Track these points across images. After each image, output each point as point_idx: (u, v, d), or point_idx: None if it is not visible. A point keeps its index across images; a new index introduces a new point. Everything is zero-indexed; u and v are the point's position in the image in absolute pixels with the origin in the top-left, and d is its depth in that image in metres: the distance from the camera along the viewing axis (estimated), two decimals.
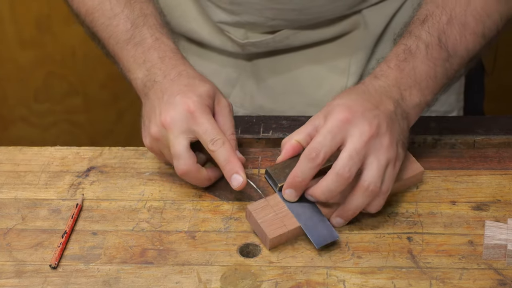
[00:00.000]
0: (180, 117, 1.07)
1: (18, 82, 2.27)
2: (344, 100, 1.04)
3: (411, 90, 1.07)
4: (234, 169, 1.06)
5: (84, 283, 1.00)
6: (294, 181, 1.02)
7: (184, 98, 1.07)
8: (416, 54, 1.08)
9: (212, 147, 1.06)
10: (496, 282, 0.97)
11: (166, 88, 1.10)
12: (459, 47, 1.10)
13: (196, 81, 1.11)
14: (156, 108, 1.09)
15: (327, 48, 1.33)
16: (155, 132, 1.09)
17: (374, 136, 1.01)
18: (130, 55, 1.15)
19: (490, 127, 1.19)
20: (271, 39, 1.31)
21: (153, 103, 1.10)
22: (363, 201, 1.01)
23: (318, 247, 1.00)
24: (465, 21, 1.10)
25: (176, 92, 1.08)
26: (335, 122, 1.01)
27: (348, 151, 1.00)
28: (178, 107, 1.07)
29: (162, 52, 1.14)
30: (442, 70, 1.09)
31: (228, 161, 1.06)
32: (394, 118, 1.04)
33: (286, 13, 1.27)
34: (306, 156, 1.01)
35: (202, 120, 1.07)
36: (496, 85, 1.98)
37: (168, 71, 1.12)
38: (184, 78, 1.11)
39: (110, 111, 2.32)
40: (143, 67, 1.14)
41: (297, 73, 1.35)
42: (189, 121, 1.07)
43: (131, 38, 1.16)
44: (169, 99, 1.08)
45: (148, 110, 1.11)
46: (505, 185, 1.10)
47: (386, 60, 1.09)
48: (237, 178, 1.05)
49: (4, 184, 1.15)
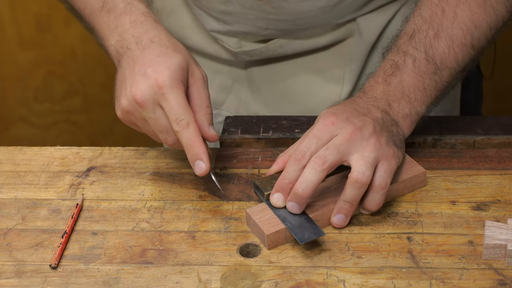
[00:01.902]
0: (149, 91, 1.03)
1: (18, 82, 2.27)
2: (330, 109, 1.08)
3: (399, 102, 1.09)
4: (198, 155, 1.04)
5: (84, 283, 1.00)
6: (281, 184, 1.03)
7: (154, 72, 1.04)
8: (403, 69, 1.10)
9: (176, 127, 1.03)
10: (496, 282, 0.97)
11: (137, 57, 1.07)
12: (447, 59, 1.11)
13: (169, 51, 1.07)
14: (128, 79, 1.06)
15: (321, 56, 1.33)
16: (126, 105, 1.06)
17: (358, 135, 1.03)
18: (103, 22, 1.13)
19: (490, 127, 1.19)
20: (264, 48, 1.31)
21: (125, 72, 1.07)
22: (356, 193, 1.02)
23: (302, 243, 1.00)
24: (453, 34, 1.11)
25: (148, 64, 1.05)
26: (321, 126, 1.04)
27: (330, 144, 1.02)
28: (148, 81, 1.04)
29: (133, 16, 1.11)
30: (431, 82, 1.10)
31: (192, 145, 1.04)
32: (382, 123, 1.06)
33: (278, 23, 1.28)
34: (293, 158, 1.03)
35: (170, 96, 1.03)
36: (496, 85, 1.98)
37: (140, 37, 1.09)
38: (156, 46, 1.07)
39: (110, 111, 2.31)
40: (115, 33, 1.11)
41: (291, 81, 1.35)
42: (158, 96, 1.03)
43: (103, 5, 1.13)
44: (139, 70, 1.05)
45: (120, 80, 1.08)
46: (505, 185, 1.10)
47: (374, 76, 1.12)
48: (201, 166, 1.04)
49: (4, 184, 1.15)
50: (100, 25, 1.13)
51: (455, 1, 1.12)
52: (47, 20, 2.17)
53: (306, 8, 1.24)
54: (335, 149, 1.02)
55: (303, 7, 1.24)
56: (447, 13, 1.11)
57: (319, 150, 1.03)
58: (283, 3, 1.23)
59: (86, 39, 2.17)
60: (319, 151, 1.02)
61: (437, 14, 1.12)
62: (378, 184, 1.03)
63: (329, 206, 1.05)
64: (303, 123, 1.22)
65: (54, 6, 2.13)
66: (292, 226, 1.02)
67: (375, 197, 1.04)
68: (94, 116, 2.33)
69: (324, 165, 1.01)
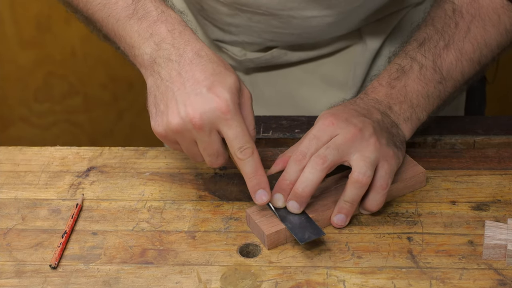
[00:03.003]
0: (211, 116, 0.99)
1: (18, 82, 2.27)
2: (330, 110, 1.08)
3: (401, 105, 1.09)
4: (260, 184, 1.02)
5: (84, 283, 1.00)
6: (282, 184, 1.03)
7: (213, 94, 0.99)
8: (409, 74, 1.10)
9: (240, 155, 1.01)
10: (496, 282, 0.97)
11: (185, 71, 1.01)
12: (454, 71, 1.11)
13: (221, 69, 1.02)
14: (177, 95, 1.01)
15: (325, 62, 1.33)
16: (177, 124, 1.00)
17: (358, 135, 1.03)
18: (133, 30, 1.06)
19: (490, 127, 1.19)
20: (269, 55, 1.31)
21: (171, 87, 1.02)
22: (357, 193, 1.02)
23: (302, 243, 1.00)
24: (463, 47, 1.12)
25: (203, 83, 1.00)
26: (321, 126, 1.04)
27: (330, 143, 1.02)
28: (209, 105, 0.99)
29: (170, 25, 1.05)
30: (435, 91, 1.11)
31: (255, 173, 1.02)
32: (382, 124, 1.06)
33: (285, 36, 1.28)
34: (293, 159, 1.03)
35: (234, 122, 1.00)
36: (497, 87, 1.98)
37: (183, 48, 1.03)
38: (205, 62, 1.02)
39: (110, 111, 2.32)
40: (150, 41, 1.04)
41: (294, 87, 1.35)
42: (220, 122, 1.00)
43: (133, 13, 1.07)
44: (194, 89, 1.00)
45: (163, 93, 1.02)
46: (505, 185, 1.10)
47: (378, 78, 1.12)
48: (262, 196, 1.03)
49: (4, 184, 1.15)
50: (130, 34, 1.06)
51: (470, 17, 1.12)
52: (47, 20, 2.17)
53: (313, 23, 1.24)
54: (335, 149, 1.02)
55: (310, 23, 1.24)
56: (461, 27, 1.12)
57: (319, 150, 1.03)
58: (291, 19, 1.23)
59: (86, 39, 2.18)
60: (319, 150, 1.02)
61: (450, 27, 1.12)
62: (379, 184, 1.03)
63: (329, 206, 1.05)
64: (303, 123, 1.22)
65: (54, 6, 2.13)
66: (292, 226, 1.02)
67: (375, 197, 1.04)
68: (94, 116, 2.33)
69: (324, 164, 1.01)
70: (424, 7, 1.29)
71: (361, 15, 1.26)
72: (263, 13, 1.23)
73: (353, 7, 1.23)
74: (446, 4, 1.14)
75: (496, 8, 1.12)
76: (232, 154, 1.02)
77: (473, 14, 1.12)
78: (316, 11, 1.22)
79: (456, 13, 1.13)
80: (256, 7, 1.23)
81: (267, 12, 1.23)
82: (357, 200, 1.03)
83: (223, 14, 1.27)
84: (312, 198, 1.04)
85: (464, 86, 1.14)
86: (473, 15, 1.12)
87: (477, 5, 1.12)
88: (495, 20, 1.12)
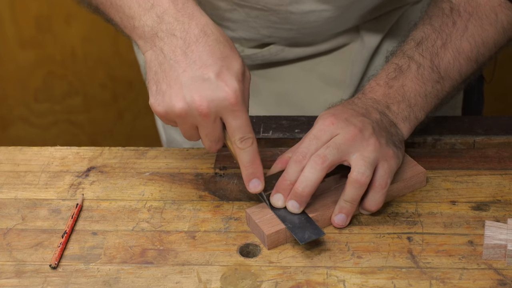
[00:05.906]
0: (219, 105, 0.98)
1: (18, 82, 2.27)
2: (329, 110, 1.08)
3: (399, 105, 1.09)
4: (255, 174, 1.03)
5: (84, 283, 1.00)
6: (282, 184, 1.03)
7: (222, 82, 0.97)
8: (407, 73, 1.10)
9: (240, 144, 1.01)
10: (496, 282, 0.97)
11: (191, 51, 0.98)
12: (451, 70, 1.11)
13: (227, 51, 0.99)
14: (182, 78, 0.98)
15: (323, 60, 1.33)
16: (181, 108, 0.98)
17: (358, 135, 1.03)
18: (133, 1, 1.01)
19: (490, 127, 1.19)
20: (266, 52, 1.31)
21: (175, 67, 0.98)
22: (356, 193, 1.02)
23: (302, 243, 1.00)
24: (460, 46, 1.12)
25: (210, 67, 0.97)
26: (321, 127, 1.04)
27: (330, 143, 1.02)
28: (217, 93, 0.97)
29: None
30: (433, 90, 1.11)
31: (252, 162, 1.03)
32: (381, 124, 1.07)
33: (283, 32, 1.28)
34: (293, 159, 1.03)
35: (240, 114, 0.99)
36: (495, 86, 1.98)
37: (187, 23, 0.99)
38: (212, 42, 0.99)
39: (110, 111, 2.32)
40: (152, 13, 1.00)
41: (292, 85, 1.35)
42: (227, 112, 0.99)
43: None
44: (202, 74, 0.97)
45: (165, 71, 0.99)
46: (505, 185, 1.10)
47: (376, 78, 1.12)
48: (256, 184, 1.04)
49: (4, 184, 1.15)
50: (129, 4, 1.02)
51: (467, 15, 1.12)
52: (47, 20, 2.17)
53: (311, 19, 1.24)
54: (335, 148, 1.02)
55: (308, 18, 1.24)
56: (458, 25, 1.12)
57: (319, 150, 1.03)
58: (289, 14, 1.23)
59: (86, 39, 2.18)
60: (319, 149, 1.02)
61: (447, 25, 1.12)
62: (378, 184, 1.03)
63: (329, 206, 1.05)
64: (303, 123, 1.22)
65: (54, 6, 2.13)
66: (292, 226, 1.02)
67: (375, 197, 1.04)
68: (94, 116, 2.33)
69: (324, 163, 1.01)
70: (421, 6, 1.29)
71: (359, 11, 1.26)
72: (261, 8, 1.23)
73: (351, 1, 1.23)
74: (444, 2, 1.14)
75: (494, 6, 1.12)
76: (231, 142, 1.02)
77: (471, 13, 1.12)
78: (314, 5, 1.22)
79: (453, 11, 1.13)
80: (254, 2, 1.23)
81: (265, 7, 1.23)
82: (357, 199, 1.03)
83: (221, 9, 1.27)
84: (312, 198, 1.04)
85: (462, 85, 1.14)
86: (470, 13, 1.12)
87: (475, 3, 1.12)
88: (493, 19, 1.12)
